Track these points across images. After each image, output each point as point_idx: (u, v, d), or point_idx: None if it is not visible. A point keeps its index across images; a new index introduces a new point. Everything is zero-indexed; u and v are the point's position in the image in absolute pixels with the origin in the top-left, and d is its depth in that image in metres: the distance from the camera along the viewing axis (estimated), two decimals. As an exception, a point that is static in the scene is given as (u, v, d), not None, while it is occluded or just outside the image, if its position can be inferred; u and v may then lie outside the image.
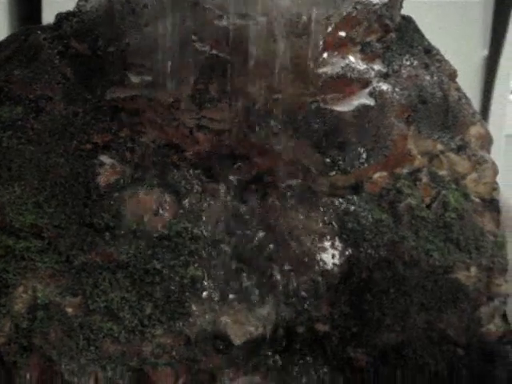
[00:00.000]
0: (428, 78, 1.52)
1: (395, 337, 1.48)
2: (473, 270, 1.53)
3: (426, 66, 1.54)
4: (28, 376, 1.41)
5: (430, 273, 1.50)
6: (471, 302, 1.52)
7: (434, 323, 1.49)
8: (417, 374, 1.47)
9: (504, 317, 1.57)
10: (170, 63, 1.43)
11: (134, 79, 1.44)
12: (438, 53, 1.55)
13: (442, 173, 1.53)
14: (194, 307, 1.44)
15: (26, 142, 1.45)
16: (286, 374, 1.48)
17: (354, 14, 1.47)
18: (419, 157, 1.52)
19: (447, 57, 1.56)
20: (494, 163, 1.55)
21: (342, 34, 1.48)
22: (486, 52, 2.46)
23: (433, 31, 1.55)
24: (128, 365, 1.43)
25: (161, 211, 1.45)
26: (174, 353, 1.44)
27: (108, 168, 1.45)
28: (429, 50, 1.55)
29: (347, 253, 1.48)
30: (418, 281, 1.49)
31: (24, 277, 1.43)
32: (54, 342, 1.41)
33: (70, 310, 1.43)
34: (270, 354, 1.49)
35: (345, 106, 1.48)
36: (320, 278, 1.47)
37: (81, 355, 1.42)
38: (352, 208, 1.50)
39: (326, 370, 1.47)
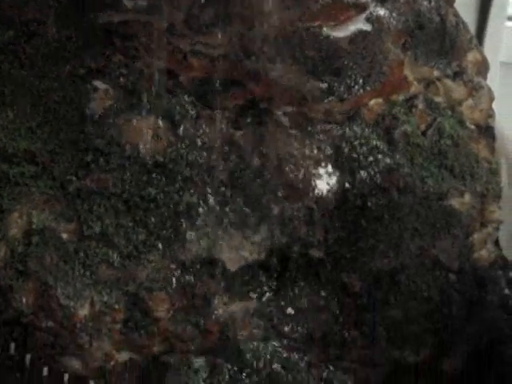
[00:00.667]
0: (425, 2, 1.50)
1: (389, 262, 1.50)
2: (467, 196, 1.53)
3: (424, -9, 1.52)
4: (24, 300, 1.42)
5: (424, 199, 1.50)
6: (464, 228, 1.53)
7: (427, 249, 1.51)
8: (409, 299, 1.50)
9: (496, 243, 1.59)
10: (164, -13, 1.41)
11: (128, 3, 1.41)
12: (436, -23, 1.53)
13: (438, 99, 1.53)
14: (188, 233, 1.45)
15: (18, 66, 1.43)
16: (280, 299, 1.49)
17: None
18: (415, 83, 1.51)
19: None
20: (490, 90, 1.54)
21: (339, -44, 1.46)
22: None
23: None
24: (123, 290, 1.44)
25: (155, 138, 1.44)
26: (169, 278, 1.45)
27: (102, 93, 1.43)
28: (427, -26, 1.53)
29: (342, 180, 1.48)
30: (412, 207, 1.49)
31: (19, 202, 1.43)
32: (49, 266, 1.42)
33: (64, 235, 1.43)
34: (264, 279, 1.50)
35: (341, 32, 1.46)
36: (315, 205, 1.47)
37: (76, 280, 1.43)
38: (347, 135, 1.49)
39: (320, 294, 1.49)
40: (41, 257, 1.42)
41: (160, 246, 1.44)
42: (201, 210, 1.45)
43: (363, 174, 1.47)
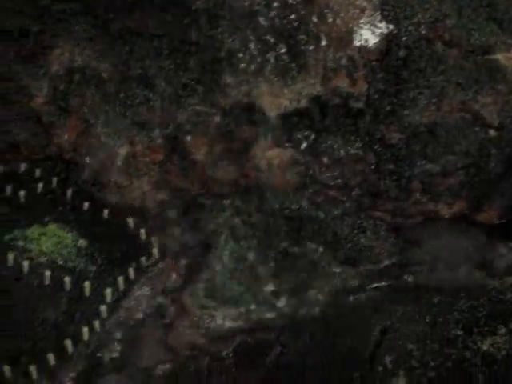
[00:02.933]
0: None
1: (429, 116, 1.49)
2: (514, 51, 1.51)
3: None
4: (66, 137, 1.45)
5: (469, 53, 1.48)
6: (508, 84, 1.52)
7: (468, 104, 1.50)
8: (447, 153, 1.49)
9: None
10: None
11: None
12: None
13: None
14: (229, 79, 1.45)
15: None
16: (318, 148, 1.50)
17: None
18: None
19: None
20: None
21: None
22: None
23: None
24: (163, 132, 1.46)
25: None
26: (208, 122, 1.46)
27: None
28: None
29: (387, 30, 1.47)
30: (456, 60, 1.48)
31: (61, 39, 1.44)
32: (90, 105, 1.44)
33: (105, 75, 1.44)
34: (303, 128, 1.51)
35: None
36: (357, 55, 1.46)
37: (117, 119, 1.45)
38: (395, -16, 1.46)
39: (357, 145, 1.49)
40: (82, 95, 1.44)
41: (200, 90, 1.45)
42: (242, 55, 1.45)
43: (408, 24, 1.45)
